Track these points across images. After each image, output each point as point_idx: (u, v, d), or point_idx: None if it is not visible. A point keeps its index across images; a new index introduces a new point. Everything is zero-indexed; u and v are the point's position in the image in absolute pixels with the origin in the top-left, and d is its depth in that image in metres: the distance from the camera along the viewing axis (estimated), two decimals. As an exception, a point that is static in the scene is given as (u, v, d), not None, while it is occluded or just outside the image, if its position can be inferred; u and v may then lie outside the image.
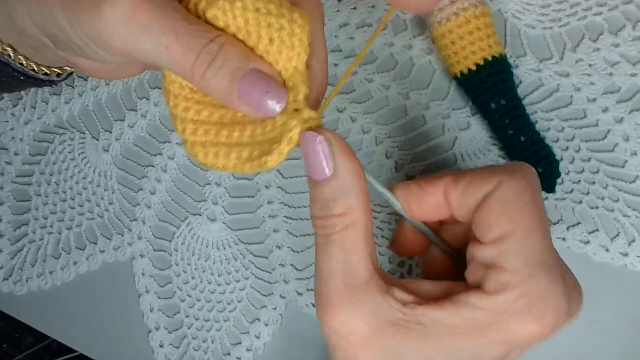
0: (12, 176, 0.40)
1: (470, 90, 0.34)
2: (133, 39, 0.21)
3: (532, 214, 0.22)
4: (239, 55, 0.22)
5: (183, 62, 0.21)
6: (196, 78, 0.22)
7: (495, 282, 0.22)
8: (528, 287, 0.21)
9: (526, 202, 0.22)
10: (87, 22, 0.22)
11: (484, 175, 0.23)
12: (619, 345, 0.34)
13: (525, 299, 0.21)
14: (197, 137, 0.24)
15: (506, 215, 0.22)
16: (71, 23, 0.22)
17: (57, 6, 0.22)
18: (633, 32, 0.35)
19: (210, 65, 0.21)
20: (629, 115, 0.34)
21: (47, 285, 0.39)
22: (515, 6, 0.36)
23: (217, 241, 0.38)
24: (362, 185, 0.22)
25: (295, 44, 0.22)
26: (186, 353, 0.37)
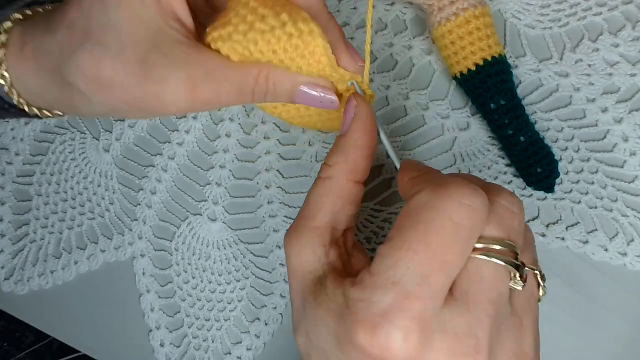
0: (13, 176, 0.40)
1: (470, 91, 0.34)
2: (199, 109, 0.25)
3: (423, 233, 0.20)
4: (286, 82, 0.25)
5: (244, 99, 0.25)
6: (261, 101, 0.26)
7: (360, 276, 0.21)
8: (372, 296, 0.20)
9: (423, 218, 0.20)
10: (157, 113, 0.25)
11: (422, 180, 0.22)
12: (618, 344, 0.34)
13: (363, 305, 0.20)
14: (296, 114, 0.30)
15: (400, 219, 0.21)
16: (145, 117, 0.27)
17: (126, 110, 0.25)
18: (633, 32, 0.35)
19: (266, 94, 0.26)
20: (629, 116, 0.34)
21: (48, 285, 0.39)
22: (515, 6, 0.36)
23: (218, 241, 0.38)
24: (356, 157, 0.24)
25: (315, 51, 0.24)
26: (187, 352, 0.38)
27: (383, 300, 0.19)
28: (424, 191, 0.21)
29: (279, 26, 0.23)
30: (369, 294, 0.20)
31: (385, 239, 0.21)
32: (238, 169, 0.38)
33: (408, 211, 0.21)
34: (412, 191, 0.21)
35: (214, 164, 0.38)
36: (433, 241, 0.20)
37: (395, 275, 0.20)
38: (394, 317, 0.19)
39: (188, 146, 0.39)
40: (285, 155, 0.38)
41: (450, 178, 0.22)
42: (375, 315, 0.19)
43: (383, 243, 0.21)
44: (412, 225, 0.20)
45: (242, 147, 0.38)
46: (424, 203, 0.21)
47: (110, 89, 0.24)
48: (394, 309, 0.19)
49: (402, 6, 0.37)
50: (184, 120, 0.39)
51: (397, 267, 0.20)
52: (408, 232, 0.20)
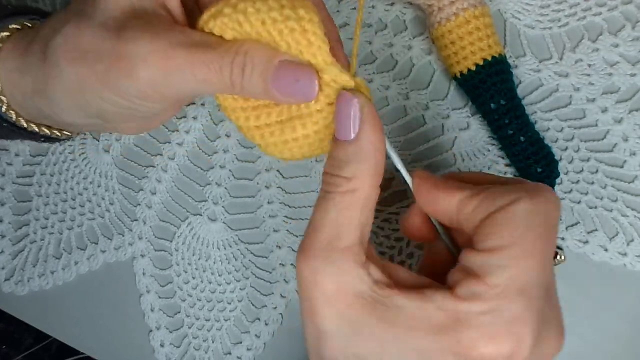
0: (13, 177, 0.40)
1: (470, 91, 0.34)
2: (173, 83, 0.24)
3: (536, 238, 0.21)
4: (264, 55, 0.23)
5: (221, 85, 0.24)
6: (237, 90, 0.24)
7: (467, 289, 0.21)
8: (497, 306, 0.21)
9: (535, 225, 0.21)
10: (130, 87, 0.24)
11: (503, 191, 0.23)
12: (618, 344, 0.34)
13: (489, 317, 0.20)
14: (269, 140, 0.25)
15: (509, 230, 0.21)
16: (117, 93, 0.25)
17: (97, 84, 0.25)
18: (632, 32, 0.35)
19: (243, 75, 0.23)
20: (628, 116, 0.34)
21: (48, 286, 0.39)
22: (515, 6, 0.36)
23: (218, 241, 0.38)
24: (377, 159, 0.23)
25: (311, 40, 0.22)
26: (187, 352, 0.38)
27: (512, 308, 0.21)
28: (524, 198, 0.22)
29: (277, 7, 0.22)
30: (496, 304, 0.21)
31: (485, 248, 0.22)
32: (238, 169, 0.38)
33: (514, 218, 0.22)
34: (503, 201, 0.22)
35: (214, 164, 0.38)
36: (545, 246, 0.22)
37: (521, 284, 0.21)
38: (525, 321, 0.21)
39: (188, 146, 0.39)
40: (285, 156, 0.38)
41: (525, 184, 0.24)
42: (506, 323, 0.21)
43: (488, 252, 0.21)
44: (526, 233, 0.21)
45: (242, 147, 0.38)
46: (530, 209, 0.22)
47: (83, 56, 0.24)
48: (524, 314, 0.21)
49: (402, 6, 0.37)
50: (183, 120, 0.39)
51: (523, 276, 0.21)
52: (523, 240, 0.21)
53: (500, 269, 0.21)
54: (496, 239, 0.21)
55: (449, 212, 0.24)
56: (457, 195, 0.24)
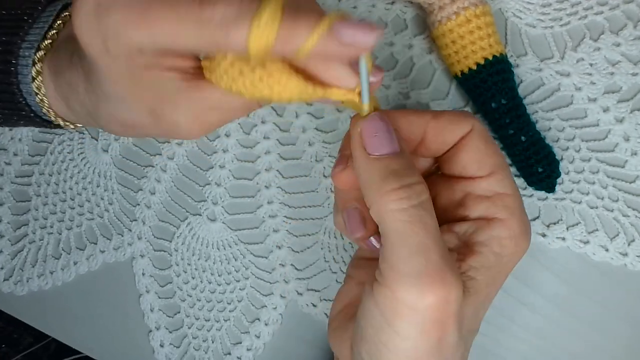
0: (12, 177, 0.40)
1: (471, 90, 0.34)
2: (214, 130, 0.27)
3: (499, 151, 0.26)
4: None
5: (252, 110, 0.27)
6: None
7: (503, 208, 0.24)
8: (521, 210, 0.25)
9: (493, 141, 0.26)
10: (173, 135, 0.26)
11: (459, 117, 0.25)
12: (618, 344, 0.34)
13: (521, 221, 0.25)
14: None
15: (491, 151, 0.25)
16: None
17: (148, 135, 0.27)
18: (634, 31, 0.35)
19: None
20: (630, 115, 0.34)
21: (47, 286, 0.39)
22: (516, 5, 0.36)
23: (217, 241, 0.38)
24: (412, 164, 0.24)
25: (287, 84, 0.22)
26: (187, 353, 0.38)
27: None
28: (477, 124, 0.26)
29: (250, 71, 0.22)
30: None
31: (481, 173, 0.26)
32: (238, 169, 0.38)
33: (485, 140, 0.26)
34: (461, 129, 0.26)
35: (213, 164, 0.38)
36: None
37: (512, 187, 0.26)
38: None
39: (187, 146, 0.39)
40: (285, 155, 0.38)
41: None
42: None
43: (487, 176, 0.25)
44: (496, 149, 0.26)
45: (242, 147, 0.38)
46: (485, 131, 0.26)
47: (133, 130, 0.26)
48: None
49: (402, 5, 0.37)
50: (183, 120, 0.39)
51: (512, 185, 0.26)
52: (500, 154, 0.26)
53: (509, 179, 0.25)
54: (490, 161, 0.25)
55: (413, 132, 0.26)
56: (425, 116, 0.25)
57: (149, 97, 0.24)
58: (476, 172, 0.25)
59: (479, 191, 0.25)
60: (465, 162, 0.25)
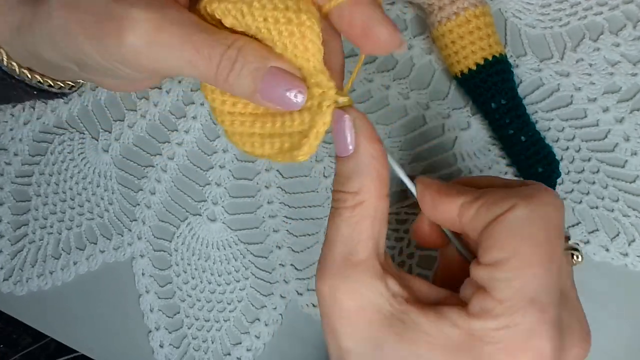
0: (12, 177, 0.40)
1: (471, 90, 0.34)
2: (157, 57, 0.23)
3: (537, 245, 0.21)
4: (258, 56, 0.23)
5: (207, 72, 0.23)
6: (220, 83, 0.23)
7: (478, 305, 0.21)
8: (511, 321, 0.20)
9: (534, 232, 0.21)
10: (113, 49, 0.23)
11: (500, 197, 0.22)
12: (619, 345, 0.34)
13: (504, 331, 0.20)
14: (234, 128, 0.25)
15: (507, 241, 0.21)
16: (98, 51, 0.24)
17: (81, 36, 0.24)
18: (634, 31, 0.35)
19: (231, 70, 0.23)
20: (630, 115, 0.34)
21: (47, 286, 0.39)
22: (516, 6, 0.36)
23: (217, 241, 0.38)
24: (379, 169, 0.23)
25: (308, 46, 0.22)
26: (186, 353, 0.37)
27: (526, 321, 0.20)
28: (520, 205, 0.21)
29: (282, 8, 0.22)
30: (509, 319, 0.20)
31: (487, 261, 0.21)
32: (238, 169, 0.38)
33: (511, 228, 0.21)
34: (499, 210, 0.22)
35: (213, 164, 0.38)
36: (552, 250, 0.21)
37: (529, 294, 0.20)
38: (541, 331, 0.20)
39: (187, 146, 0.39)
40: (285, 155, 0.38)
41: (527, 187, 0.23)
42: (522, 337, 0.20)
43: (492, 266, 0.21)
44: (526, 242, 0.21)
45: (242, 147, 0.38)
46: (527, 216, 0.21)
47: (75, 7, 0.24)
48: (539, 324, 0.20)
49: (402, 5, 0.37)
50: (183, 120, 0.39)
51: (530, 286, 0.20)
52: (525, 249, 0.21)
53: (506, 283, 0.21)
54: (496, 252, 0.21)
55: (451, 218, 0.24)
56: (458, 200, 0.23)
57: None
58: (480, 256, 0.22)
59: (475, 277, 0.22)
60: (480, 242, 0.22)
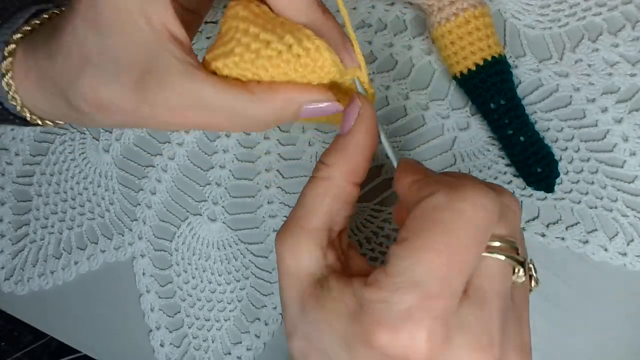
0: (13, 176, 0.40)
1: (470, 91, 0.34)
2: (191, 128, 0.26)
3: (440, 234, 0.20)
4: (290, 104, 0.25)
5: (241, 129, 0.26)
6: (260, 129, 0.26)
7: (373, 277, 0.21)
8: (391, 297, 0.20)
9: (441, 220, 0.21)
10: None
11: (431, 182, 0.23)
12: (618, 344, 0.34)
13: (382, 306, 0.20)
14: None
15: (415, 223, 0.21)
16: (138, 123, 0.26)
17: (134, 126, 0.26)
18: (632, 32, 0.35)
19: (267, 124, 0.26)
20: (628, 116, 0.34)
21: (48, 285, 0.39)
22: (515, 6, 0.36)
23: (218, 241, 0.38)
24: (357, 157, 0.24)
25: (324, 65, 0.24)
26: (187, 352, 0.38)
27: (405, 301, 0.20)
28: (440, 192, 0.21)
29: (286, 50, 0.23)
30: (389, 294, 0.20)
31: (398, 239, 0.21)
32: (238, 169, 0.38)
33: (423, 212, 0.21)
34: (424, 193, 0.22)
35: (213, 164, 0.38)
36: (453, 242, 0.20)
37: (415, 276, 0.20)
38: (418, 317, 0.20)
39: (188, 146, 0.39)
40: (285, 156, 0.38)
41: (463, 180, 0.22)
42: (397, 315, 0.20)
43: (396, 243, 0.21)
44: (430, 227, 0.21)
45: (242, 147, 0.38)
46: (440, 204, 0.21)
47: (109, 111, 0.25)
48: (417, 309, 0.20)
49: (402, 6, 0.37)
50: (184, 120, 0.39)
51: (418, 268, 0.20)
52: (427, 233, 0.20)
53: (399, 260, 0.20)
54: (404, 231, 0.21)
55: (403, 193, 0.25)
56: (408, 178, 0.24)
57: (139, 66, 0.23)
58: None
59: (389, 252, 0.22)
60: None
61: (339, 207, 0.24)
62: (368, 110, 0.25)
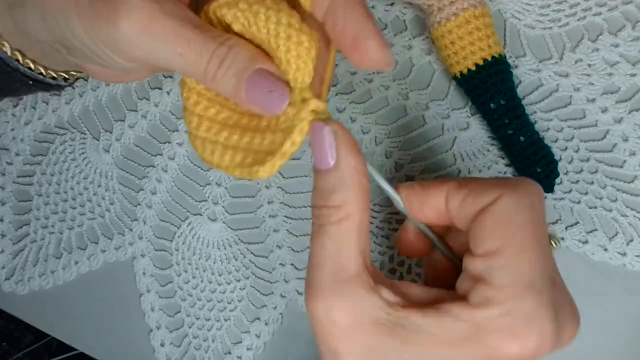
0: (14, 176, 0.40)
1: (470, 91, 0.34)
2: (148, 47, 0.23)
3: (528, 232, 0.22)
4: (247, 56, 0.23)
5: (196, 67, 0.23)
6: (208, 80, 0.23)
7: (479, 296, 0.21)
8: (513, 306, 0.21)
9: (523, 219, 0.22)
10: (104, 33, 0.23)
11: (486, 187, 0.23)
12: (617, 344, 0.34)
13: (508, 317, 0.21)
14: (199, 132, 0.25)
15: (499, 230, 0.22)
16: (89, 33, 0.24)
17: (75, 16, 0.23)
18: (632, 32, 0.35)
19: (219, 67, 0.23)
20: (628, 116, 0.34)
21: (48, 285, 0.39)
22: (515, 6, 0.36)
23: (218, 241, 0.38)
24: (361, 181, 0.22)
25: (300, 66, 0.23)
26: (187, 352, 0.38)
27: (527, 306, 0.21)
28: (506, 195, 0.22)
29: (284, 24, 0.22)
30: (509, 306, 0.21)
31: (481, 252, 0.22)
32: (238, 169, 0.38)
33: (498, 217, 0.22)
34: (486, 199, 0.22)
35: (214, 164, 0.38)
36: (540, 235, 0.22)
37: (526, 279, 0.21)
38: (540, 314, 0.21)
39: (188, 146, 0.39)
40: (285, 156, 0.38)
41: (508, 179, 0.23)
42: (524, 322, 0.21)
43: (487, 257, 0.22)
44: (515, 228, 0.22)
45: (242, 147, 0.38)
46: (513, 205, 0.22)
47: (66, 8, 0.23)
48: (537, 307, 0.21)
49: (401, 6, 0.37)
50: (184, 120, 0.39)
51: (525, 271, 0.21)
52: (516, 235, 0.21)
53: (504, 270, 0.21)
54: (490, 242, 0.22)
55: (440, 207, 0.24)
56: (443, 188, 0.24)
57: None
58: (474, 248, 0.22)
59: (471, 269, 0.22)
60: (471, 234, 0.23)
61: (366, 239, 0.23)
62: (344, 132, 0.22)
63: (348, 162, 0.22)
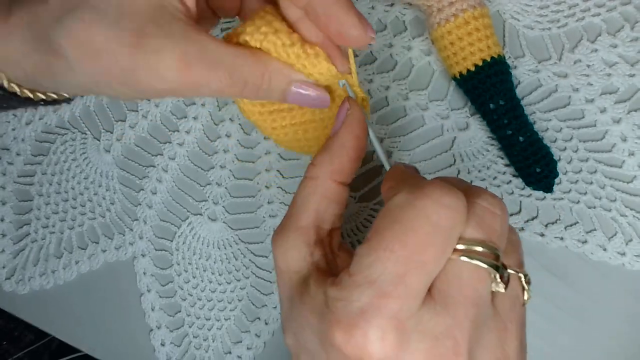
0: (14, 176, 0.40)
1: (469, 91, 0.35)
2: (191, 94, 0.25)
3: (403, 232, 0.20)
4: (281, 78, 0.25)
5: (237, 92, 0.25)
6: (252, 97, 0.26)
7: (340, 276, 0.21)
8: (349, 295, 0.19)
9: (401, 219, 0.20)
10: (148, 93, 0.24)
11: (400, 183, 0.23)
12: (616, 344, 0.34)
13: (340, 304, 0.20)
14: (284, 138, 0.30)
15: (377, 222, 0.21)
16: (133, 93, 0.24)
17: (114, 83, 0.24)
18: (631, 33, 0.35)
19: (259, 89, 0.25)
20: (627, 116, 0.35)
21: (49, 285, 0.39)
22: (514, 7, 0.36)
23: (218, 241, 0.38)
24: (341, 156, 0.25)
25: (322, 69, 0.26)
26: (187, 352, 0.38)
27: (360, 299, 0.19)
28: (402, 192, 0.21)
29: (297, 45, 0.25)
30: (347, 293, 0.19)
31: (364, 239, 0.21)
32: (238, 169, 0.38)
33: (385, 212, 0.21)
34: (392, 194, 0.21)
35: (214, 164, 0.39)
36: (410, 241, 0.19)
37: (372, 275, 0.19)
38: (371, 316, 0.19)
39: (189, 146, 0.39)
40: (285, 156, 0.38)
41: (428, 180, 0.22)
42: (352, 314, 0.19)
43: (362, 243, 0.21)
44: (389, 225, 0.20)
45: (243, 147, 0.38)
46: (401, 203, 0.20)
47: (98, 57, 0.22)
48: (370, 307, 0.19)
49: (401, 7, 0.37)
50: (184, 120, 0.39)
51: (374, 266, 0.19)
52: (385, 232, 0.20)
53: (358, 258, 0.20)
54: (369, 232, 0.21)
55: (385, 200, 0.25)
56: (387, 184, 0.24)
57: (143, 14, 0.22)
58: None
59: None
60: None
61: (326, 205, 0.24)
62: (355, 113, 0.25)
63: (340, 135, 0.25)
